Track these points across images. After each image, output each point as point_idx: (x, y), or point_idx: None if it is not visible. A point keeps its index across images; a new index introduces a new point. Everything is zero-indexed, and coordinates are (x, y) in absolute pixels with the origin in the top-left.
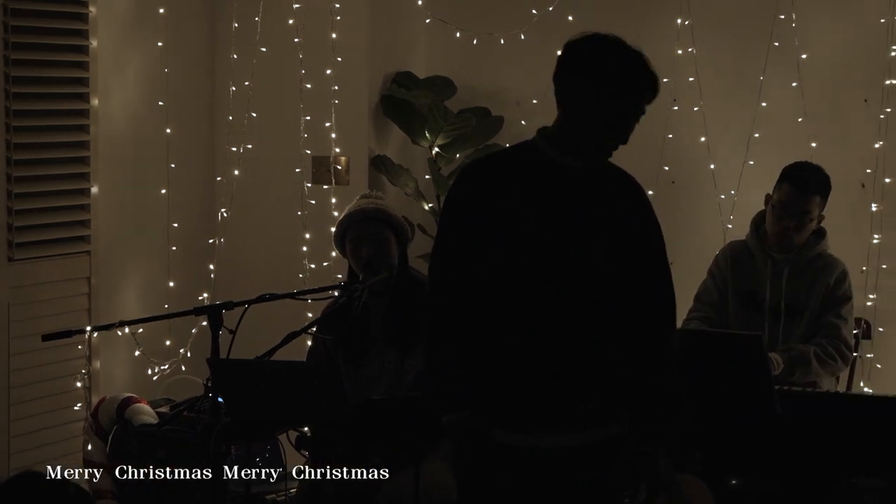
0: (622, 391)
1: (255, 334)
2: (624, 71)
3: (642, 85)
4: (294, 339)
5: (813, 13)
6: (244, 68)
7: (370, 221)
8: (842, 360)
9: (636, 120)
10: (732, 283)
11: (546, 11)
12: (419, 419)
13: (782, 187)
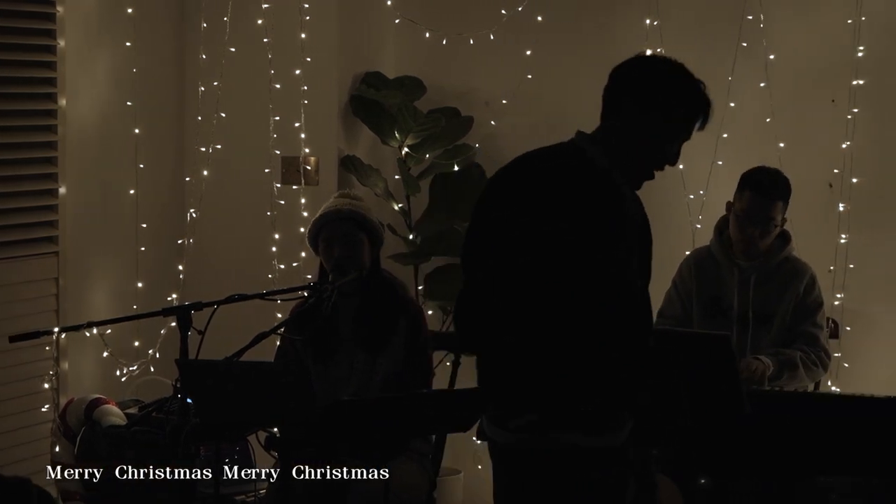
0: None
1: (224, 335)
2: (685, 97)
3: (699, 113)
4: (263, 339)
5: (781, 14)
6: (213, 68)
7: (344, 222)
8: (822, 367)
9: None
10: (697, 292)
11: (515, 11)
12: (389, 420)
13: (744, 195)
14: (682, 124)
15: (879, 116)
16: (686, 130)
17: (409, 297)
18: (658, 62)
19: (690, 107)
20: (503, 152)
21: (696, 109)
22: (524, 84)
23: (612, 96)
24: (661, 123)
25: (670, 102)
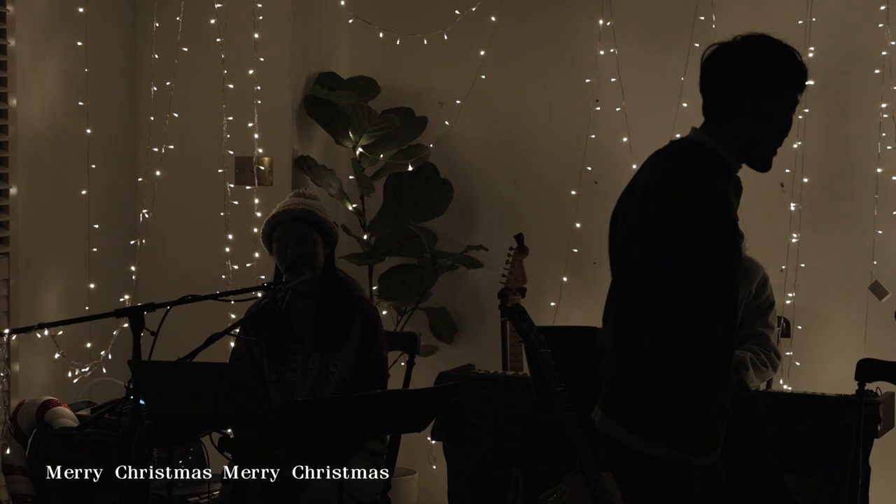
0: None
1: (177, 336)
2: (803, 79)
3: (799, 81)
4: (217, 340)
5: (732, 15)
6: (165, 68)
7: (297, 222)
8: (772, 367)
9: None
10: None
11: (469, 12)
12: (344, 420)
13: None
14: (790, 98)
15: (830, 117)
16: (785, 98)
17: (364, 298)
18: (746, 47)
19: (793, 79)
20: (457, 152)
21: (797, 79)
22: (478, 84)
23: (713, 89)
24: (772, 105)
25: (775, 84)
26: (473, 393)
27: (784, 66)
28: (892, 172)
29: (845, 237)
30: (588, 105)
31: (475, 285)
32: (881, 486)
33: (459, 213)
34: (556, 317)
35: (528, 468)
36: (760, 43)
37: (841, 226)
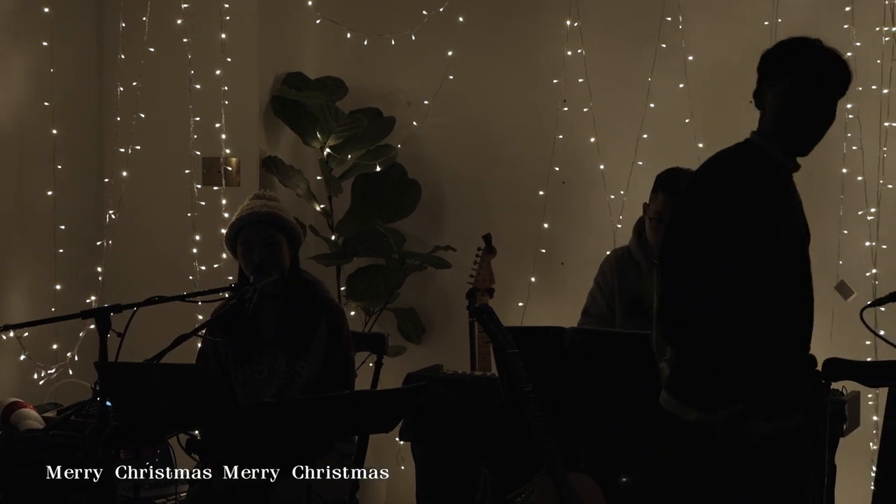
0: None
1: (144, 337)
2: (824, 69)
3: (838, 82)
4: (184, 341)
5: (699, 16)
6: (132, 68)
7: (261, 225)
8: None
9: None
10: (619, 293)
11: (436, 12)
12: (312, 421)
13: (657, 197)
14: (786, 86)
15: None
16: (790, 90)
17: (329, 298)
18: (782, 47)
19: (786, 66)
20: (425, 152)
21: (787, 64)
22: (446, 84)
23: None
24: (778, 95)
25: (774, 70)
26: (442, 393)
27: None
28: (858, 173)
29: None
30: (555, 105)
31: (443, 286)
32: (847, 485)
33: (427, 213)
34: (525, 317)
35: (497, 468)
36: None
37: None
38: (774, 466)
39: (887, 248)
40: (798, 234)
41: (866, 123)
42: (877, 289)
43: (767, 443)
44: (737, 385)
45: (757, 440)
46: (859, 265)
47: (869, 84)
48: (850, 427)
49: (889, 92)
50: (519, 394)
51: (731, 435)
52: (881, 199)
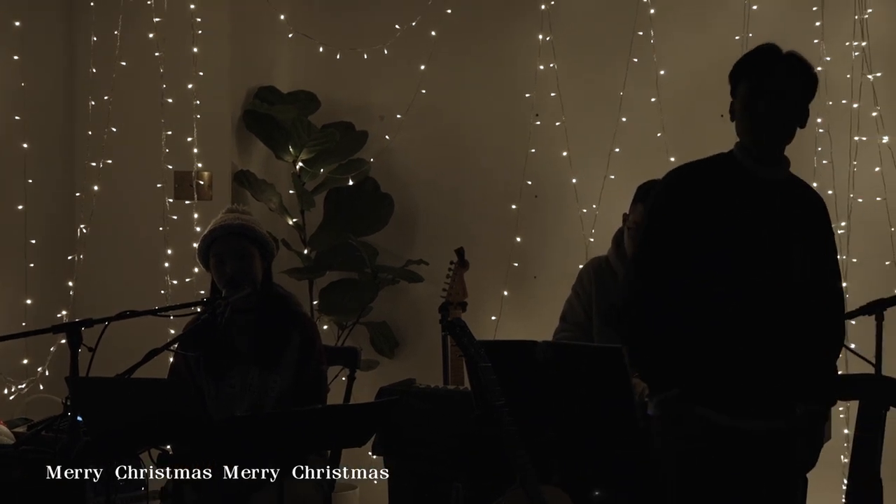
0: (808, 381)
1: (115, 352)
2: (775, 65)
3: (795, 79)
4: (155, 356)
5: (670, 30)
6: (103, 82)
7: (234, 237)
8: None
9: (786, 112)
10: (597, 302)
11: (409, 27)
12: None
13: (637, 208)
14: (738, 85)
15: None
16: (740, 87)
17: (301, 312)
18: (743, 55)
19: (742, 71)
20: (398, 166)
21: (743, 70)
22: (418, 98)
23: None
24: (738, 100)
25: (734, 79)
26: (414, 407)
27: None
28: (828, 186)
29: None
30: (528, 119)
31: (416, 300)
32: (818, 498)
33: (400, 227)
34: (497, 331)
35: (470, 482)
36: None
37: None
38: (742, 465)
39: (858, 261)
40: (756, 244)
41: (836, 138)
42: (848, 302)
43: (733, 439)
44: (675, 370)
45: (705, 428)
46: None
47: (839, 98)
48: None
49: (859, 106)
50: (492, 407)
51: (667, 418)
52: (851, 213)
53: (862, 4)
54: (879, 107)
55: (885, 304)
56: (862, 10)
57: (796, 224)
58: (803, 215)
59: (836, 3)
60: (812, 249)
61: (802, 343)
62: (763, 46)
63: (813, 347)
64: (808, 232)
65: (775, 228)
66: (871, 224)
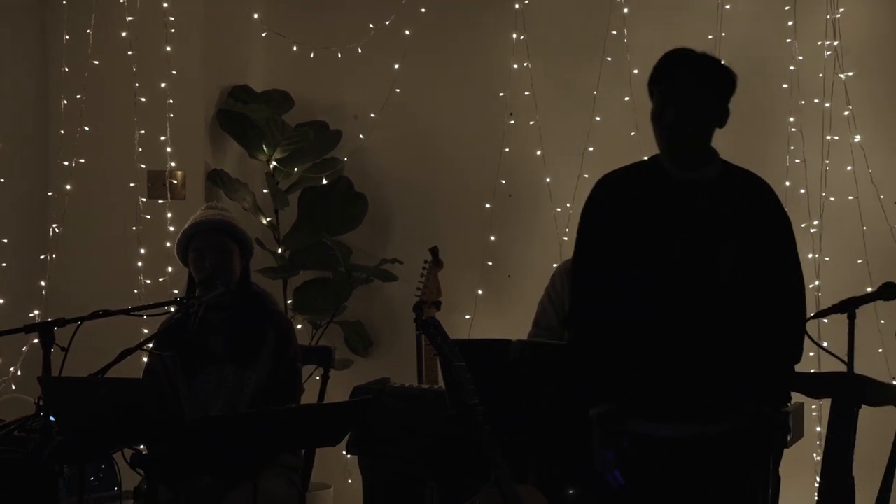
0: (751, 383)
1: (88, 352)
2: (673, 66)
3: (700, 76)
4: (129, 355)
5: (644, 29)
6: (76, 81)
7: (215, 232)
8: None
9: (681, 110)
10: (569, 305)
11: (383, 25)
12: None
13: None
14: (653, 93)
15: (740, 131)
16: (654, 95)
17: (278, 310)
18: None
19: (653, 78)
20: (372, 166)
21: (654, 77)
22: (392, 97)
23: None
24: (655, 103)
25: (649, 87)
26: (389, 406)
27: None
28: (801, 185)
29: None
30: (502, 118)
31: (390, 299)
32: (791, 496)
33: (374, 226)
34: (472, 330)
35: (444, 481)
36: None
37: None
38: (680, 471)
39: (830, 260)
40: (674, 248)
41: (809, 137)
42: (820, 301)
43: (666, 447)
44: (610, 383)
45: (637, 443)
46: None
47: (811, 98)
48: (794, 438)
49: (831, 105)
50: (466, 406)
51: (603, 432)
52: (824, 212)
53: (834, 4)
54: (851, 106)
55: (857, 303)
56: (834, 9)
57: (726, 224)
58: (736, 214)
59: (808, 3)
60: (749, 248)
61: (737, 345)
62: (672, 52)
63: (753, 348)
64: (743, 230)
65: (697, 231)
66: (844, 223)
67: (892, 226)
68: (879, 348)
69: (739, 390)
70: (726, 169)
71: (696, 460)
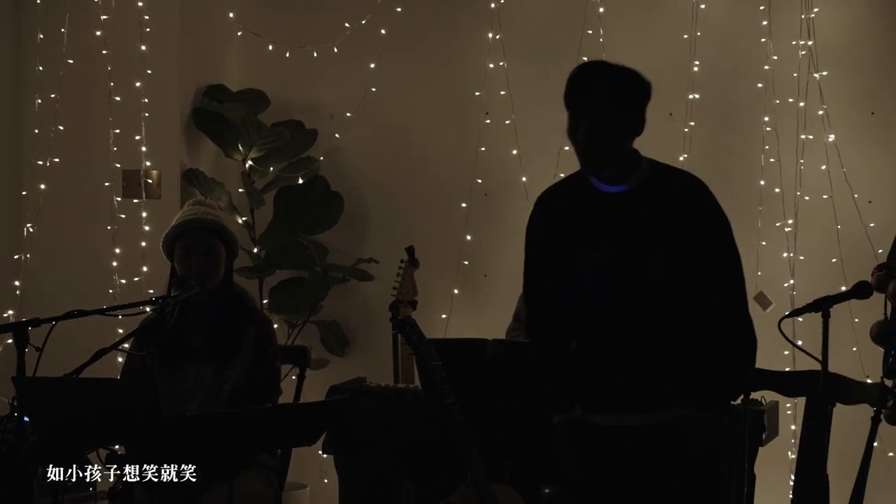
0: (692, 375)
1: (63, 352)
2: (576, 79)
3: (605, 87)
4: (103, 355)
5: (619, 28)
6: (50, 80)
7: (204, 232)
8: None
9: (590, 126)
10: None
11: (359, 25)
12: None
13: None
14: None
15: (715, 130)
16: (568, 110)
17: (258, 310)
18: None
19: (565, 96)
20: (347, 165)
21: (565, 95)
22: (368, 97)
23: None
24: (567, 119)
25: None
26: (365, 406)
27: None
28: (775, 185)
29: None
30: (478, 118)
31: (366, 298)
32: (766, 495)
33: (350, 225)
34: (448, 329)
35: (420, 481)
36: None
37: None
38: (631, 459)
39: (804, 259)
40: (598, 257)
41: (783, 136)
42: (794, 299)
43: (612, 434)
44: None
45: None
46: (777, 276)
47: (786, 97)
48: (769, 436)
49: (805, 105)
50: (442, 406)
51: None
52: (798, 211)
53: (808, 4)
54: (826, 105)
55: (831, 302)
56: (808, 9)
57: (655, 228)
58: (664, 217)
59: (782, 3)
60: (681, 248)
61: (670, 342)
62: (584, 65)
63: (689, 346)
64: (673, 232)
65: (625, 238)
66: (818, 222)
67: (866, 225)
68: (854, 347)
69: (672, 385)
70: (655, 172)
71: (630, 449)
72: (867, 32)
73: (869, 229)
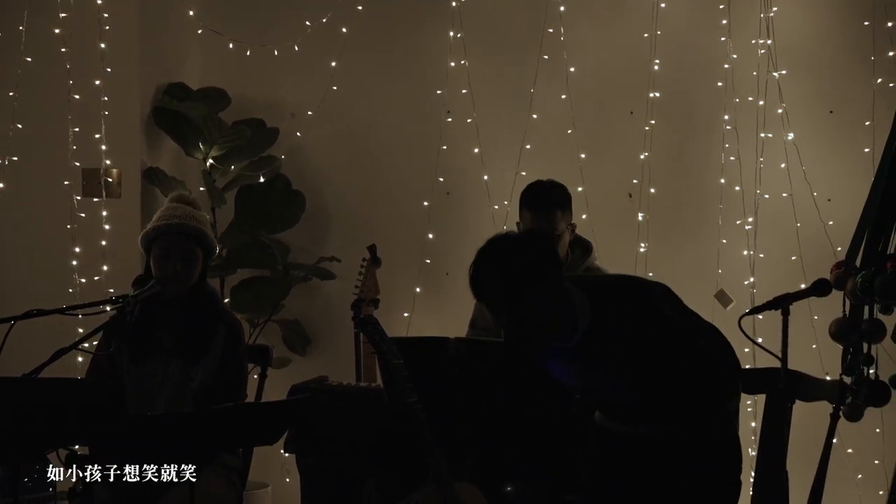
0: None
1: (22, 352)
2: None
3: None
4: (63, 355)
5: (580, 27)
6: (8, 78)
7: (184, 237)
8: None
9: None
10: None
11: (319, 23)
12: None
13: (523, 214)
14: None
15: (675, 128)
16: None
17: (228, 310)
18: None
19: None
20: (309, 163)
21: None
22: (330, 95)
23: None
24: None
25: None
26: (327, 405)
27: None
28: (735, 183)
29: (691, 246)
30: (440, 116)
31: (328, 297)
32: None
33: (312, 224)
34: (410, 327)
35: (382, 479)
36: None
37: (687, 235)
38: (647, 458)
39: (764, 256)
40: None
41: (743, 134)
42: (754, 297)
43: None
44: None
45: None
46: (737, 274)
47: (745, 96)
48: None
49: (765, 103)
50: (404, 404)
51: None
52: (758, 209)
53: (767, 3)
54: (785, 104)
55: (790, 299)
56: (767, 8)
57: (615, 355)
58: (620, 343)
59: (741, 2)
60: (634, 344)
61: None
62: (472, 271)
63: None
64: (628, 347)
65: (590, 374)
66: (777, 220)
67: (825, 223)
68: (813, 344)
69: (667, 409)
70: (596, 308)
71: (647, 451)
72: (826, 32)
73: (828, 227)
